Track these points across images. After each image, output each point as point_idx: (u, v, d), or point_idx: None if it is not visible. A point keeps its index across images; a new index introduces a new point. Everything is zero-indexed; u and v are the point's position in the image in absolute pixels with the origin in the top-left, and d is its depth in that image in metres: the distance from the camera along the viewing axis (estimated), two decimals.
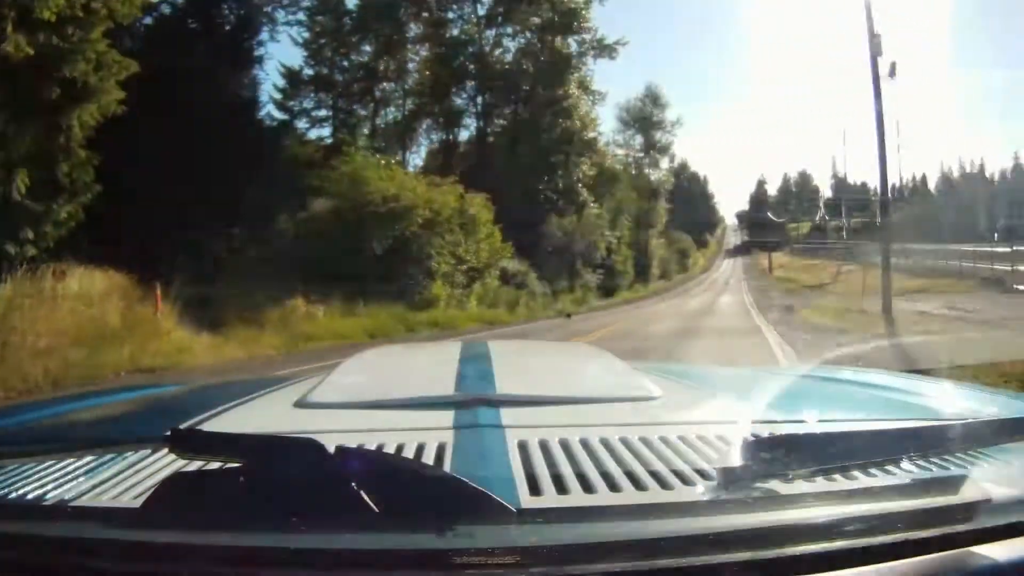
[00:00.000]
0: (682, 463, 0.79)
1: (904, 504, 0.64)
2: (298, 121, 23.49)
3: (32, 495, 0.75)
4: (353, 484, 0.61)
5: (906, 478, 0.73)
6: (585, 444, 0.86)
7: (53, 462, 0.83)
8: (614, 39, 28.13)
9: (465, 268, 19.13)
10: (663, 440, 0.87)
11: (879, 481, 0.73)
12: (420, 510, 0.61)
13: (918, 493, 0.67)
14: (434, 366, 1.50)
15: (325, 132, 23.98)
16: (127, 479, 0.78)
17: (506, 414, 0.99)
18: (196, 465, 0.77)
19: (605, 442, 0.86)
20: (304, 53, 23.73)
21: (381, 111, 25.94)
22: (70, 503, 0.71)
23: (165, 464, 0.82)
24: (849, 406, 1.27)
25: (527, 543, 0.58)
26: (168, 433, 0.69)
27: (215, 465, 0.69)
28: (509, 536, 0.59)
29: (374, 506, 0.60)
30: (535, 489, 0.72)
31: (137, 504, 0.66)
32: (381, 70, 25.11)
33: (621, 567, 0.56)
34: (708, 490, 0.70)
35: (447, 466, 0.78)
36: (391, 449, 0.84)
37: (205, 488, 0.65)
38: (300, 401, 1.14)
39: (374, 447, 0.82)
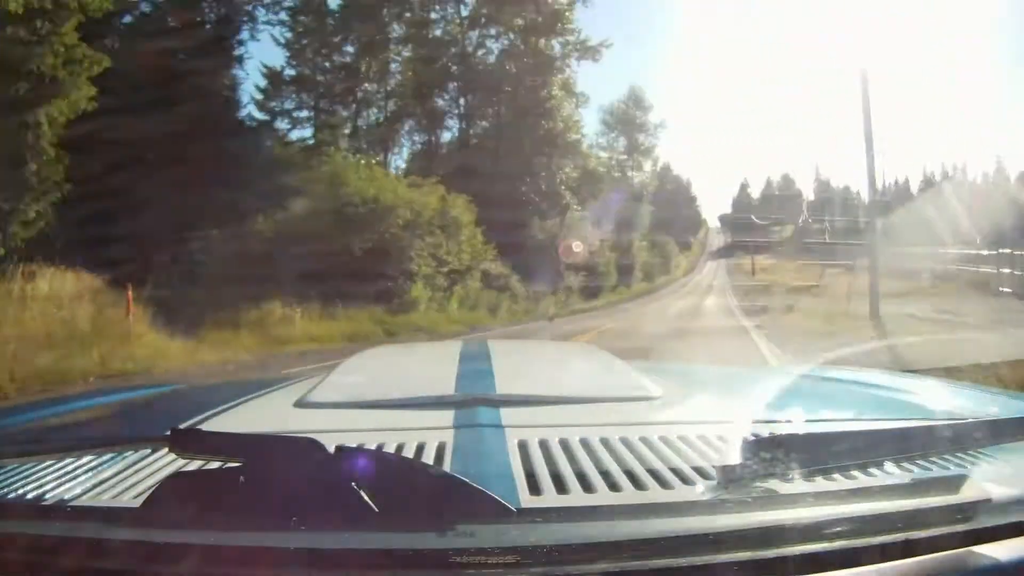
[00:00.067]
0: (682, 463, 0.80)
1: (904, 504, 0.65)
2: (279, 122, 23.40)
3: (32, 495, 0.75)
4: (353, 484, 0.62)
5: (906, 478, 0.74)
6: (585, 444, 0.87)
7: (53, 462, 0.84)
8: (598, 41, 28.27)
9: (446, 270, 19.04)
10: (663, 440, 0.88)
11: (879, 481, 0.74)
12: (420, 510, 0.62)
13: (918, 493, 0.68)
14: (434, 366, 1.51)
15: (307, 133, 23.93)
16: (127, 479, 0.79)
17: (506, 414, 1.00)
18: (196, 465, 0.77)
19: (605, 442, 0.87)
20: (286, 53, 23.68)
21: (363, 112, 25.88)
22: (70, 503, 0.71)
23: (165, 464, 0.83)
24: (849, 406, 1.29)
25: (527, 543, 0.58)
26: (168, 433, 0.70)
27: (215, 465, 0.70)
28: (509, 536, 0.60)
29: (374, 506, 0.61)
30: (535, 489, 0.73)
31: (137, 504, 0.66)
32: (363, 71, 25.04)
33: (621, 567, 0.57)
34: (708, 490, 0.70)
35: (447, 466, 0.79)
36: (391, 449, 0.85)
37: (205, 488, 0.65)
38: (300, 401, 1.15)
39: (374, 447, 0.83)
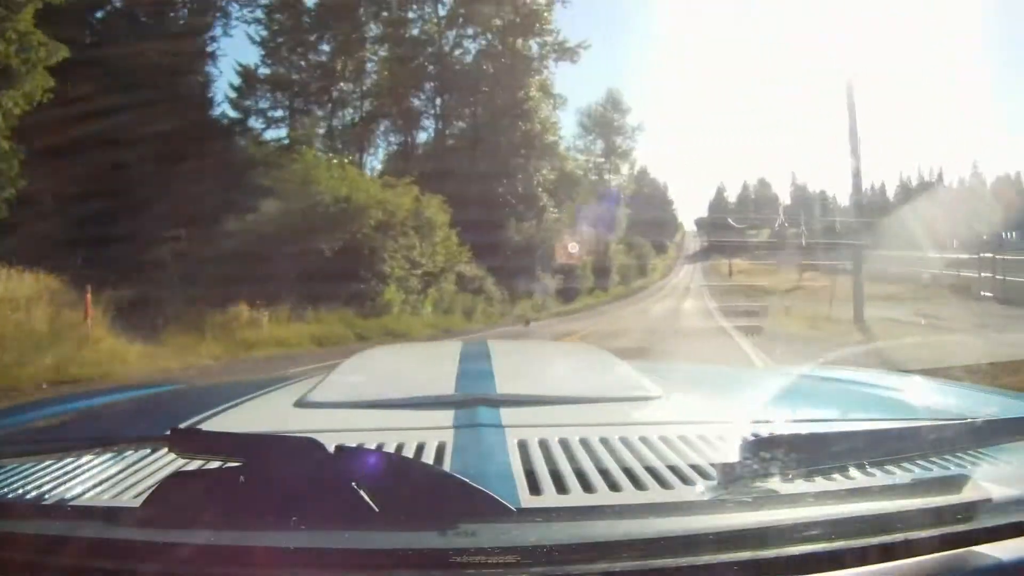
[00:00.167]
0: (682, 463, 0.81)
1: (904, 504, 0.66)
2: (254, 121, 23.41)
3: (32, 495, 0.75)
4: (353, 484, 0.62)
5: (906, 478, 0.76)
6: (585, 443, 0.88)
7: (53, 462, 0.84)
8: (576, 42, 28.42)
9: (420, 272, 18.93)
10: (663, 440, 0.89)
11: (879, 481, 0.75)
12: (420, 509, 0.62)
13: (918, 493, 0.69)
14: (434, 365, 1.53)
15: (282, 133, 23.88)
16: (127, 479, 0.79)
17: (506, 413, 1.01)
18: (196, 465, 0.78)
19: (605, 441, 0.88)
20: (261, 52, 23.67)
21: (338, 112, 25.88)
22: (70, 503, 0.72)
23: (165, 464, 0.83)
24: (849, 406, 1.31)
25: (527, 543, 0.59)
26: (168, 433, 0.70)
27: (215, 465, 0.70)
28: (509, 536, 0.60)
29: (374, 506, 0.61)
30: (535, 488, 0.74)
31: (137, 504, 0.66)
32: (339, 70, 25.03)
33: (621, 567, 0.58)
34: (708, 489, 0.71)
35: (447, 465, 0.80)
36: (391, 448, 0.85)
37: (205, 488, 0.65)
38: (300, 401, 1.16)
39: (374, 447, 0.83)
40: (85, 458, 0.86)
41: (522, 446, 0.86)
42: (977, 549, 0.64)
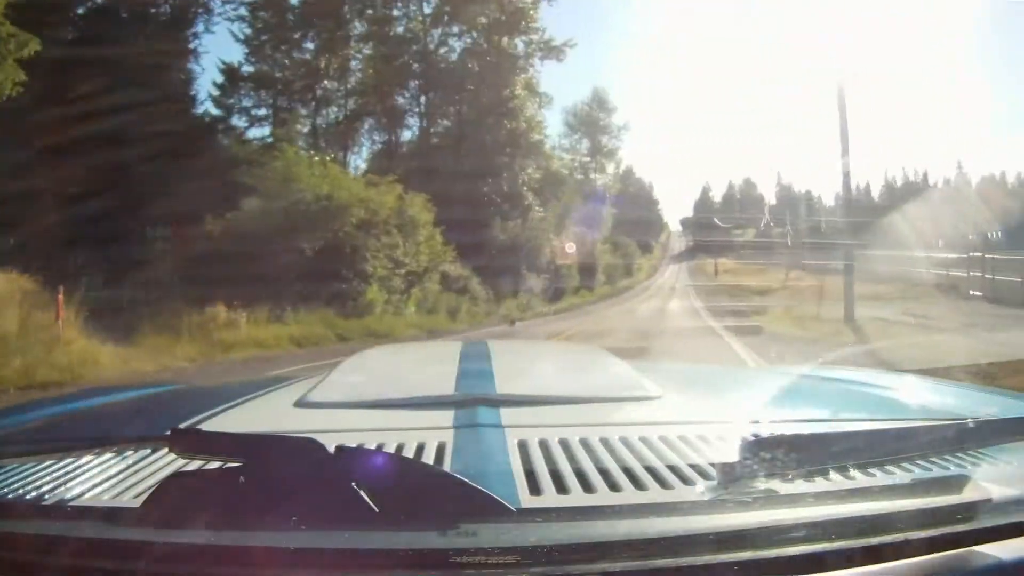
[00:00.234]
0: (682, 463, 0.82)
1: (904, 504, 0.67)
2: (237, 119, 23.30)
3: (32, 495, 0.76)
4: (353, 484, 0.63)
5: (906, 478, 0.77)
6: (585, 444, 0.88)
7: (53, 462, 0.85)
8: (562, 41, 28.46)
9: (403, 272, 18.84)
10: (663, 440, 0.90)
11: (879, 481, 0.76)
12: (420, 509, 0.63)
13: (918, 493, 0.70)
14: (434, 365, 1.54)
15: (265, 131, 23.75)
16: (127, 479, 0.79)
17: (506, 414, 1.02)
18: (196, 465, 0.78)
19: (605, 442, 0.89)
20: (245, 50, 23.56)
21: (322, 110, 25.78)
22: (70, 503, 0.72)
23: (165, 464, 0.83)
24: (848, 406, 1.33)
25: (527, 543, 0.60)
26: (168, 433, 0.70)
27: (215, 465, 0.70)
28: (509, 536, 0.61)
29: (374, 506, 0.62)
30: (535, 489, 0.75)
31: (137, 504, 0.67)
32: (323, 68, 24.93)
33: (621, 567, 0.58)
34: (708, 490, 0.72)
35: (447, 465, 0.80)
36: (391, 448, 0.86)
37: (205, 488, 0.66)
38: (300, 401, 1.17)
39: (374, 447, 0.83)
40: (85, 458, 0.86)
41: (522, 446, 0.87)
42: (977, 549, 0.65)
